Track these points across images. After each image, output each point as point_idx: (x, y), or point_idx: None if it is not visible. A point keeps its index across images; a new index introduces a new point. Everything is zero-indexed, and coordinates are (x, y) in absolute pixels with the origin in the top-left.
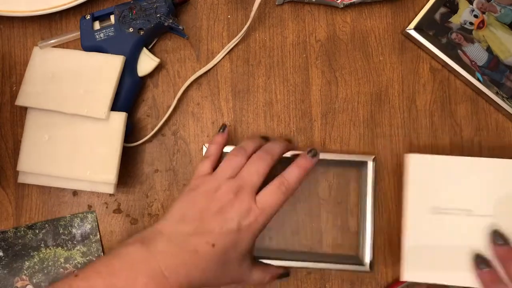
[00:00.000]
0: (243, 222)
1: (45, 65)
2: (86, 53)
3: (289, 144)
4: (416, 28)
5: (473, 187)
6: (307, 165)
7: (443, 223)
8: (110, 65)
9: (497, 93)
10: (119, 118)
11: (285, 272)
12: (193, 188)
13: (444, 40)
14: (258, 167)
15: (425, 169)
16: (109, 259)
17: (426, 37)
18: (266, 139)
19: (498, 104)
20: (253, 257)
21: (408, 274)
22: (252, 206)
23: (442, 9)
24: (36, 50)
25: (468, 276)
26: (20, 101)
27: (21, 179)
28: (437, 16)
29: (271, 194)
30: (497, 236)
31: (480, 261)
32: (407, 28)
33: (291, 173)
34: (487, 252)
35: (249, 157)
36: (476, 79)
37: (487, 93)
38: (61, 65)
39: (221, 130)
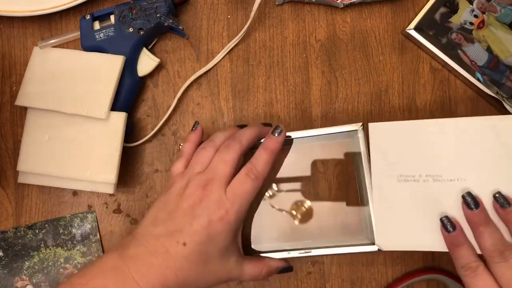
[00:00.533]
0: (213, 216)
1: (45, 65)
2: (86, 53)
3: (262, 127)
4: (416, 28)
5: (439, 151)
6: (274, 146)
7: (411, 190)
8: (110, 65)
9: (497, 93)
10: (119, 118)
11: (287, 266)
12: (166, 190)
13: (444, 40)
14: (224, 156)
15: (387, 137)
16: (85, 269)
17: (426, 37)
18: (241, 127)
19: (498, 104)
20: (240, 252)
21: (380, 244)
22: (221, 198)
23: (442, 9)
24: (36, 50)
25: (439, 241)
26: (20, 101)
27: (21, 179)
28: (437, 16)
29: (240, 183)
30: (468, 201)
31: (446, 224)
32: (407, 28)
33: (258, 158)
34: (458, 216)
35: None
36: (476, 79)
37: (487, 92)
38: (61, 65)
39: (194, 128)
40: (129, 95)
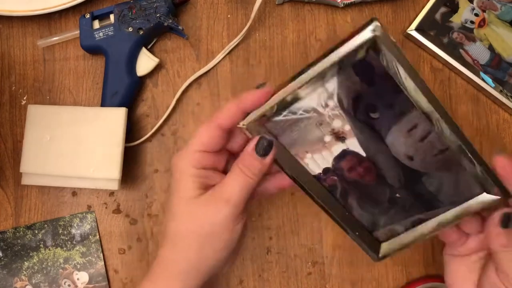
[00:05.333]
0: None
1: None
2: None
3: (241, 100)
4: (417, 29)
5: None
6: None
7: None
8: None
9: (501, 92)
10: (120, 113)
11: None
12: None
13: (445, 40)
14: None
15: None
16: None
17: (428, 37)
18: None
19: (503, 103)
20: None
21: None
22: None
23: (443, 9)
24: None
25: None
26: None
27: (25, 180)
28: (437, 16)
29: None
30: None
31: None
32: (408, 29)
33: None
34: None
35: None
36: (480, 79)
37: (491, 92)
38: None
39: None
40: (128, 95)
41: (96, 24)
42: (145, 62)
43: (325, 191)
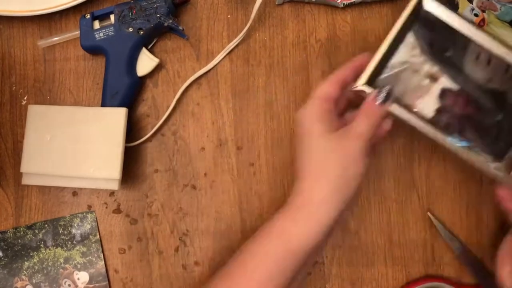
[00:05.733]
0: None
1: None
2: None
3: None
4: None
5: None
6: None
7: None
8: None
9: None
10: (120, 113)
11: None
12: None
13: None
14: None
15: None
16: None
17: None
18: None
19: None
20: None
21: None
22: None
23: None
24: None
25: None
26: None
27: (25, 180)
28: None
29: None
30: None
31: None
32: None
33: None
34: None
35: None
36: None
37: None
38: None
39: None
40: (128, 95)
41: (97, 24)
42: (145, 62)
43: (442, 131)
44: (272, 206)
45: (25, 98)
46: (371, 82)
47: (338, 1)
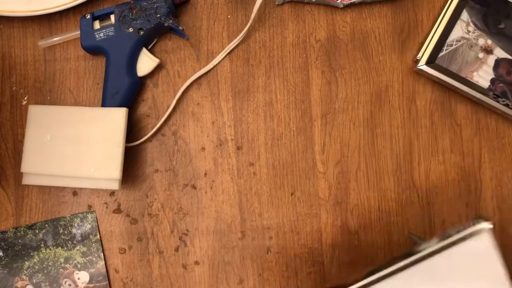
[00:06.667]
0: None
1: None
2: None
3: None
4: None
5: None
6: None
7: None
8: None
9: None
10: (120, 113)
11: None
12: None
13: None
14: None
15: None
16: None
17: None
18: None
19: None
20: None
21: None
22: None
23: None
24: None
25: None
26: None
27: (25, 180)
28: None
29: None
30: None
31: None
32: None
33: None
34: None
35: None
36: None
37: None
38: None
39: None
40: (128, 95)
41: (97, 24)
42: (146, 63)
43: (497, 99)
44: (272, 206)
45: (25, 98)
46: (432, 60)
47: (338, 1)
